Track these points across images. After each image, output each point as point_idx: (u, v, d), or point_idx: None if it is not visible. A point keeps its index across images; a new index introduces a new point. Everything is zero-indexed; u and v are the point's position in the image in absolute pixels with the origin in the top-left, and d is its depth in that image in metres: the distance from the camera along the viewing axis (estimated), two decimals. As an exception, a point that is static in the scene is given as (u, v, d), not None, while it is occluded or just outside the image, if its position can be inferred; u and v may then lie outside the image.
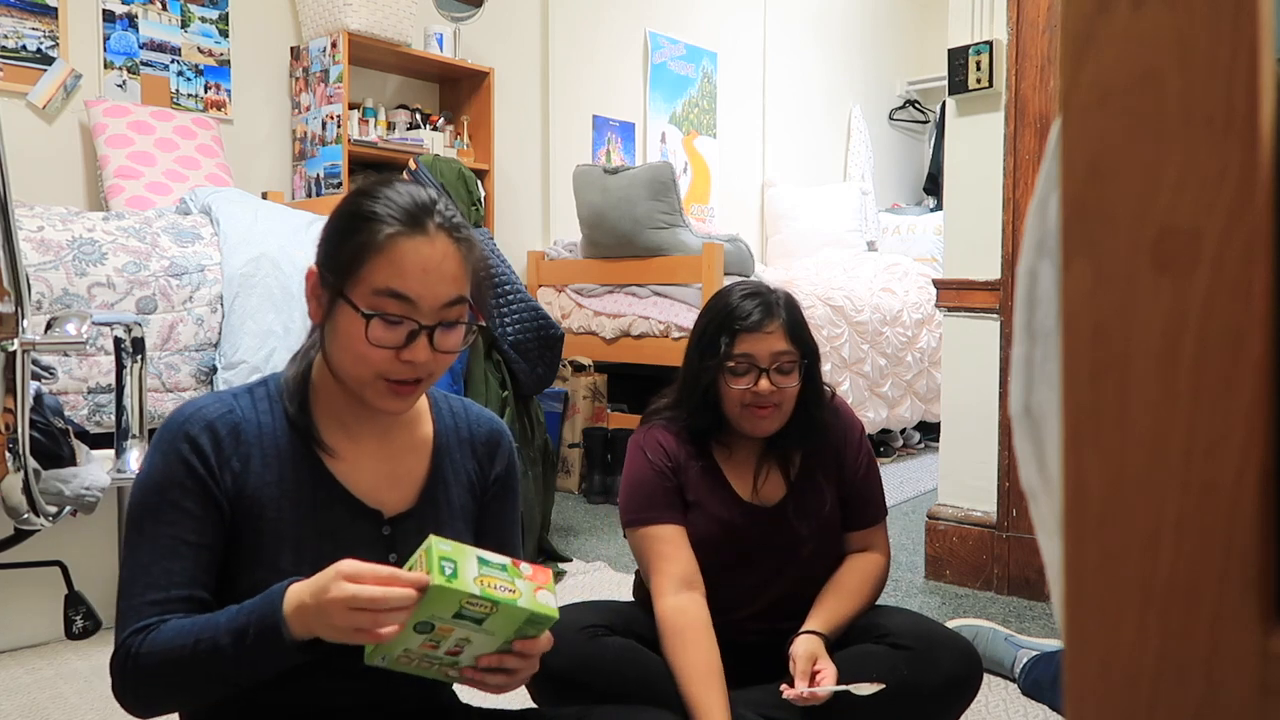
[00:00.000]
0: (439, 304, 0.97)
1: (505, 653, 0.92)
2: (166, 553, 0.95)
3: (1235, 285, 0.30)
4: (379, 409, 1.01)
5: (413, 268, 0.96)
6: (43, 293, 2.13)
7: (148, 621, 0.93)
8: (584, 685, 1.30)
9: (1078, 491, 0.33)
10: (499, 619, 0.88)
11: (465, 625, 0.87)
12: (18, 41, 3.06)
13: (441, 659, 0.90)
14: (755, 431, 1.47)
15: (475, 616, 0.87)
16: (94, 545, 2.14)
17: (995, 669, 1.94)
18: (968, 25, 2.56)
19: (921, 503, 3.39)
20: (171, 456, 0.98)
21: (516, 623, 0.89)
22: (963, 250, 2.58)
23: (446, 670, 0.92)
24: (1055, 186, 0.35)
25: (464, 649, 0.90)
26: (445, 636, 0.88)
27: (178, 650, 0.90)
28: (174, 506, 0.96)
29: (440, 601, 0.85)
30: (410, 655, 0.89)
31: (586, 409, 3.74)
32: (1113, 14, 0.31)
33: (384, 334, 0.96)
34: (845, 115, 6.50)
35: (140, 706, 0.95)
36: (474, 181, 3.09)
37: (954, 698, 1.41)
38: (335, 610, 0.84)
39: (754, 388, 1.43)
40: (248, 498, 0.99)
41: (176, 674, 0.91)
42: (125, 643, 0.93)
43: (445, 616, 0.86)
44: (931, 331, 4.64)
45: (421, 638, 0.87)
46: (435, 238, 0.97)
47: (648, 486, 1.48)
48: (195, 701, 0.98)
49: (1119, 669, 0.33)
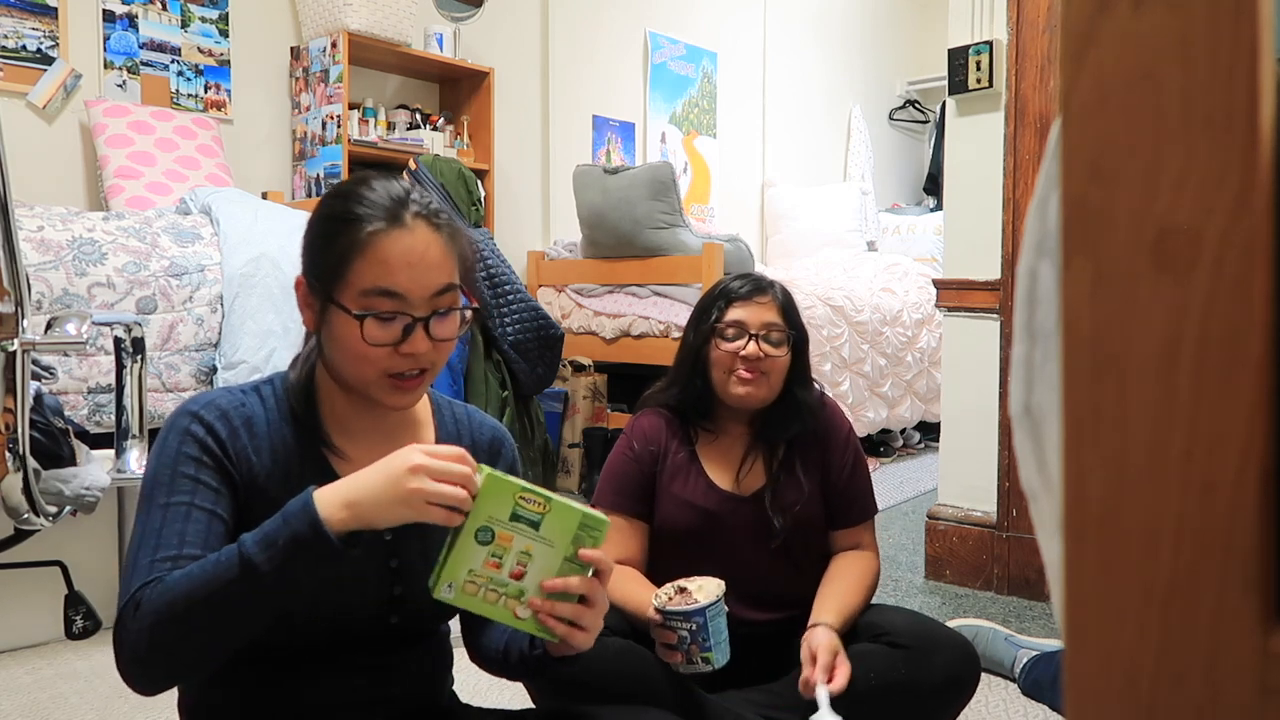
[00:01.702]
0: (429, 294, 0.97)
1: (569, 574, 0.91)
2: (179, 517, 0.92)
3: (1235, 285, 0.30)
4: (387, 405, 1.01)
5: (398, 262, 0.96)
6: (43, 293, 2.13)
7: (160, 574, 0.88)
8: (584, 685, 1.31)
9: (1078, 491, 0.33)
10: (554, 520, 0.89)
11: (523, 531, 0.89)
12: (18, 41, 3.06)
13: (507, 586, 0.90)
14: (742, 399, 1.50)
15: (531, 518, 0.89)
16: (94, 545, 2.14)
17: (995, 669, 1.94)
18: (968, 25, 2.56)
19: (921, 503, 3.39)
20: (185, 435, 0.96)
21: (572, 526, 0.90)
22: (963, 250, 2.58)
23: (515, 608, 0.91)
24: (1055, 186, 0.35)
25: (527, 569, 0.90)
26: (506, 550, 0.89)
27: (195, 581, 0.85)
28: (187, 478, 0.94)
29: (496, 494, 0.87)
30: (476, 580, 0.89)
31: (586, 409, 3.74)
32: (1113, 14, 0.31)
33: (379, 332, 0.96)
34: (845, 115, 6.50)
35: (148, 670, 0.88)
36: (474, 181, 3.09)
37: (952, 696, 1.42)
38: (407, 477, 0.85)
39: (742, 351, 1.48)
40: (258, 489, 0.98)
41: (192, 610, 0.85)
42: (134, 596, 0.87)
43: (503, 518, 0.88)
44: (931, 331, 4.64)
45: (484, 552, 0.88)
46: (414, 228, 0.97)
47: (619, 475, 1.54)
48: (208, 649, 0.89)
49: (1119, 669, 0.33)
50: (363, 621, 1.00)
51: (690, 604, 1.29)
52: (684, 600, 1.31)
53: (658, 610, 1.31)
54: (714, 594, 1.30)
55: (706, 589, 1.32)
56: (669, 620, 1.30)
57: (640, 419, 1.57)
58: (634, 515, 1.52)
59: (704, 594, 1.31)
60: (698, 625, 1.28)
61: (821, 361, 4.02)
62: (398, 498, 0.85)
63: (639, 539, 1.52)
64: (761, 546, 1.51)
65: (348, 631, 1.00)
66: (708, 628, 1.28)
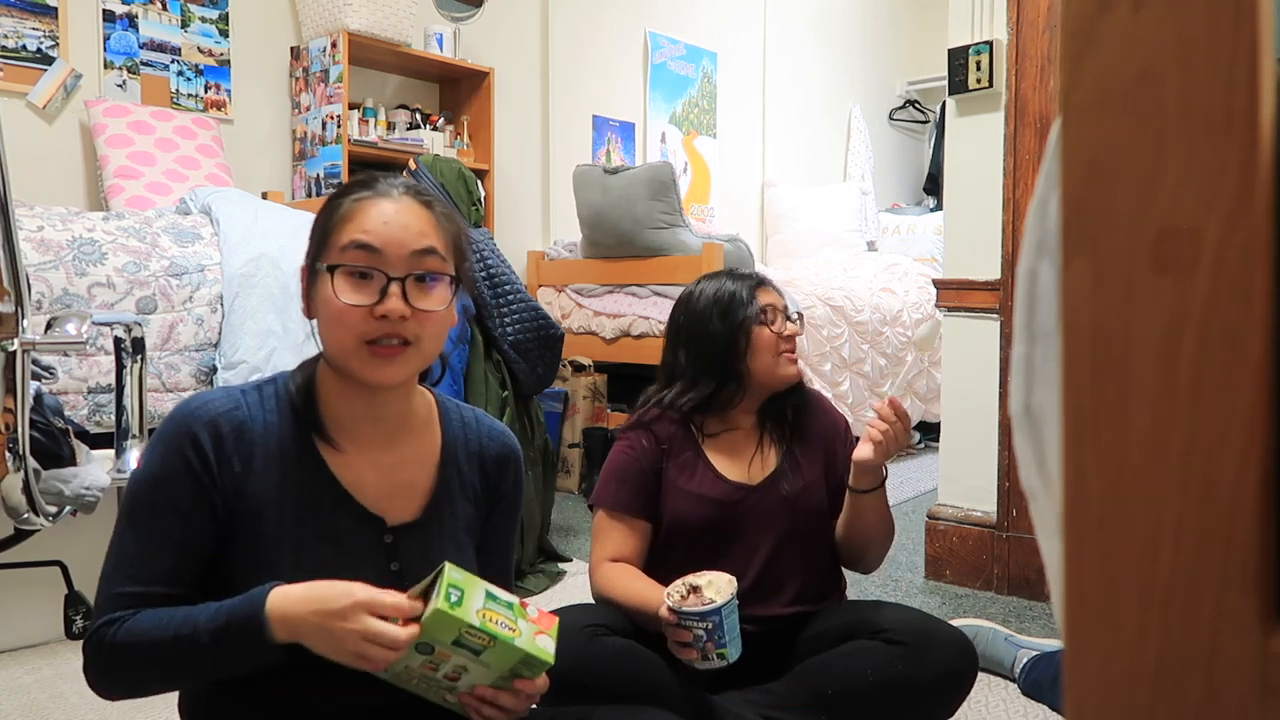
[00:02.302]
0: (405, 252, 0.98)
1: (501, 689, 0.95)
2: (151, 546, 0.96)
3: (1235, 285, 0.30)
4: (368, 380, 0.99)
5: (374, 220, 0.98)
6: (43, 293, 2.13)
7: (122, 614, 0.94)
8: (584, 685, 1.31)
9: (1078, 491, 0.33)
10: (496, 653, 0.92)
11: (463, 654, 0.91)
12: (18, 41, 3.06)
13: (439, 682, 0.94)
14: (793, 377, 1.57)
15: (473, 647, 0.91)
16: (94, 545, 2.13)
17: (995, 669, 1.94)
18: (968, 25, 2.56)
19: (921, 503, 3.39)
20: (171, 452, 0.98)
21: (512, 661, 0.93)
22: (963, 250, 2.58)
23: (444, 694, 0.95)
24: (1055, 186, 0.35)
25: (461, 676, 0.93)
26: (444, 661, 0.92)
27: (154, 643, 0.92)
28: (166, 502, 0.97)
29: (441, 627, 0.89)
30: (410, 673, 0.92)
31: (586, 409, 3.74)
32: (1113, 14, 0.31)
33: (353, 289, 0.97)
34: (845, 115, 6.50)
35: (111, 691, 0.97)
36: (474, 181, 3.09)
37: (950, 692, 1.42)
38: (348, 638, 0.88)
39: (786, 331, 1.56)
40: (247, 498, 0.98)
41: (150, 665, 0.93)
42: (98, 632, 0.94)
43: (445, 642, 0.90)
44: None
45: (421, 658, 0.91)
46: (399, 199, 1.00)
47: (620, 473, 1.55)
48: (167, 688, 1.00)
49: (1119, 669, 0.33)
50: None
51: (706, 604, 1.30)
52: (699, 600, 1.32)
53: (672, 610, 1.31)
54: (727, 592, 1.31)
55: (718, 585, 1.33)
56: (685, 620, 1.30)
57: (643, 418, 1.58)
58: (634, 514, 1.52)
59: (716, 591, 1.32)
60: (714, 624, 1.29)
61: (821, 361, 4.02)
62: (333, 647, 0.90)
63: (638, 537, 1.52)
64: (771, 535, 1.51)
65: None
66: (723, 625, 1.29)
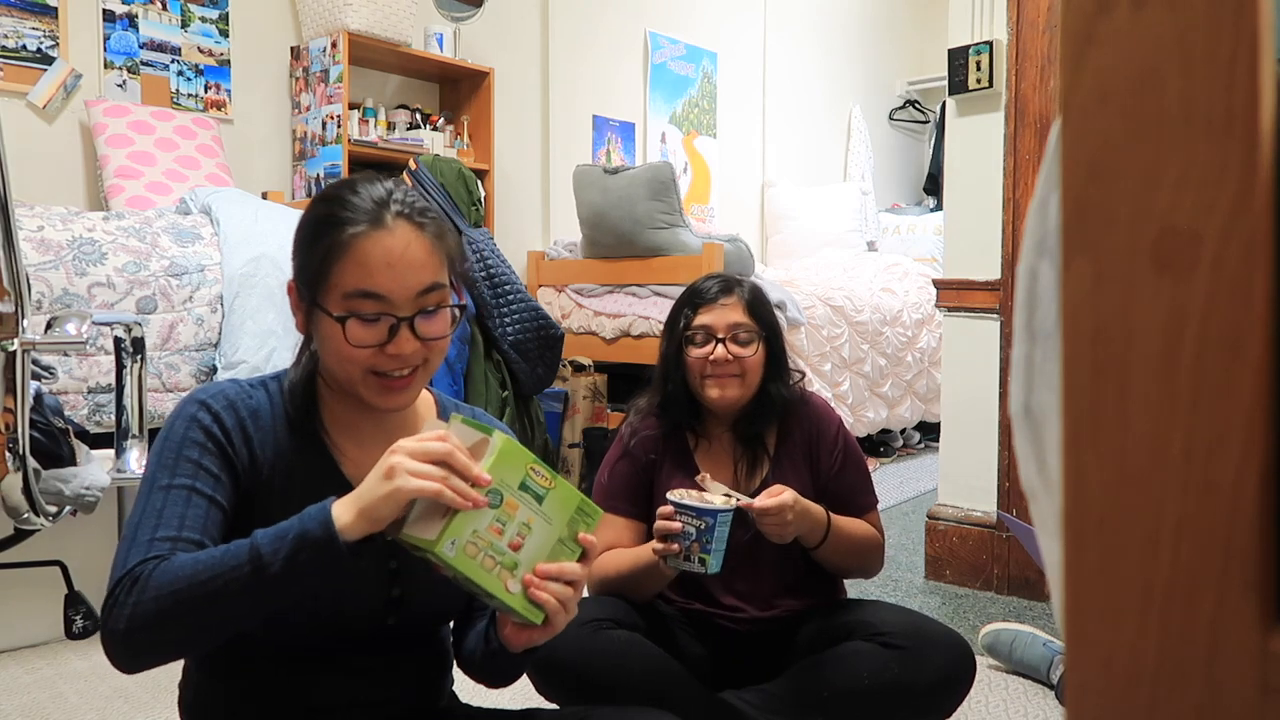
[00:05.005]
0: (412, 293, 0.97)
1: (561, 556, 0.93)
2: (180, 500, 0.93)
3: (1235, 285, 0.30)
4: (377, 406, 1.00)
5: (377, 263, 0.96)
6: (43, 293, 2.13)
7: (160, 552, 0.88)
8: (588, 678, 1.31)
9: (1078, 491, 0.33)
10: (557, 498, 0.93)
11: (528, 502, 0.91)
12: (18, 41, 3.06)
13: (504, 555, 0.91)
14: (716, 402, 1.52)
15: (537, 491, 0.92)
16: (94, 545, 2.14)
17: (1031, 674, 1.90)
18: (968, 25, 2.56)
19: (921, 503, 3.39)
20: (191, 422, 0.97)
21: (571, 507, 0.93)
22: (963, 250, 2.58)
23: (507, 580, 0.91)
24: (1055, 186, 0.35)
25: (525, 542, 0.92)
26: (510, 518, 0.90)
27: (201, 565, 0.85)
28: (190, 462, 0.95)
29: (511, 460, 0.90)
30: (477, 543, 0.89)
31: (586, 409, 3.74)
32: (1113, 14, 0.31)
33: (363, 334, 0.96)
34: (845, 115, 6.50)
35: (133, 640, 0.87)
36: (474, 181, 3.09)
37: (946, 695, 1.42)
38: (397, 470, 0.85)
39: (711, 356, 1.50)
40: (261, 482, 0.98)
41: (194, 592, 0.85)
42: (132, 570, 0.87)
43: (512, 485, 0.90)
44: (931, 331, 4.64)
45: (490, 516, 0.89)
46: (395, 229, 0.97)
47: (612, 477, 1.57)
48: (199, 634, 0.89)
49: (1119, 669, 0.33)
50: (361, 622, 1.00)
51: (706, 503, 1.33)
52: (699, 499, 1.36)
53: (672, 502, 1.34)
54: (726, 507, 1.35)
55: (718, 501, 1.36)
56: (681, 512, 1.33)
57: (633, 423, 1.59)
58: (628, 516, 1.54)
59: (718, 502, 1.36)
60: (706, 525, 1.32)
61: (821, 361, 4.02)
62: (382, 474, 0.86)
63: (631, 536, 1.53)
64: (762, 542, 1.51)
65: (346, 632, 1.00)
66: (714, 530, 1.32)
